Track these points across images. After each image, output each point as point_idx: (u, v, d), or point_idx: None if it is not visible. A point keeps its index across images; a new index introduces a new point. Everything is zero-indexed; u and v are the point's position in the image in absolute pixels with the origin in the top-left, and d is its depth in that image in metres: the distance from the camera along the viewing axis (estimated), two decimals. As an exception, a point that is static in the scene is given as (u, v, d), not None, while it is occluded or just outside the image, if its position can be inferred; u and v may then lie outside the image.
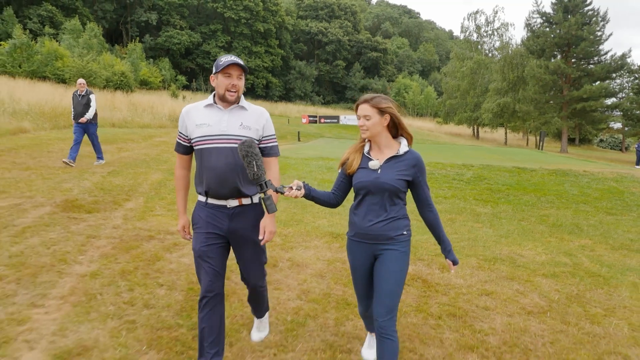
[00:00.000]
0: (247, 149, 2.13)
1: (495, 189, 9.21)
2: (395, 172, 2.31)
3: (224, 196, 2.40)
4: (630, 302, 4.08)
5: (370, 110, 2.30)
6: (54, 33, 52.40)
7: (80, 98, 9.22)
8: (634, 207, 8.50)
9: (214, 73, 2.39)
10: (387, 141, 2.39)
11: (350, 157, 2.43)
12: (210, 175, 2.38)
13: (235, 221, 2.43)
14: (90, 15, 62.33)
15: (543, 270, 4.79)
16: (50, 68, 38.47)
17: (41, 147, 10.81)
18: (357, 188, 2.38)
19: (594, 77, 32.95)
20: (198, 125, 2.40)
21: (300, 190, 2.27)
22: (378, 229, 2.33)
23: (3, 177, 7.31)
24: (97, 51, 48.34)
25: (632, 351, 3.19)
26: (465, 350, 3.05)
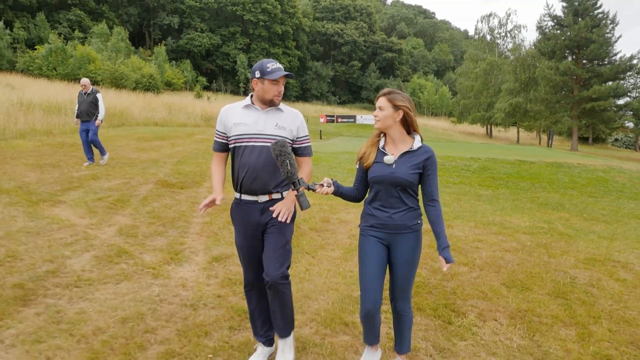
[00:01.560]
0: (280, 148, 2.24)
1: (497, 177, 10.89)
2: (409, 167, 2.42)
3: (255, 192, 2.54)
4: (582, 248, 5.75)
5: (385, 103, 2.43)
6: (82, 37, 54.95)
7: (86, 96, 9.17)
8: (614, 192, 10.10)
9: (258, 77, 2.51)
10: (401, 136, 2.49)
11: (367, 151, 2.54)
12: (244, 172, 2.52)
13: (266, 214, 2.58)
14: (116, 19, 64.89)
15: (524, 230, 6.48)
16: (83, 71, 40.83)
17: (110, 141, 12.74)
18: (373, 182, 2.49)
19: (603, 78, 34.17)
20: (236, 124, 2.53)
21: (330, 187, 2.40)
22: (398, 219, 2.45)
23: (80, 168, 9.19)
24: (124, 54, 50.87)
25: (572, 270, 4.87)
26: (458, 265, 4.78)
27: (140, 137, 14.51)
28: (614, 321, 3.67)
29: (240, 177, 2.54)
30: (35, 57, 42.87)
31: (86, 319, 3.16)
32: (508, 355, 3.10)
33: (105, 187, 7.16)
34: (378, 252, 2.51)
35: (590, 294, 4.22)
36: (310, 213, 6.49)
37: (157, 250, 4.60)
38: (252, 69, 2.55)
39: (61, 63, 41.42)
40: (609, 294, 4.24)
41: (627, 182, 11.13)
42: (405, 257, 2.49)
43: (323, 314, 3.48)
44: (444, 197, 8.57)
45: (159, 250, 4.60)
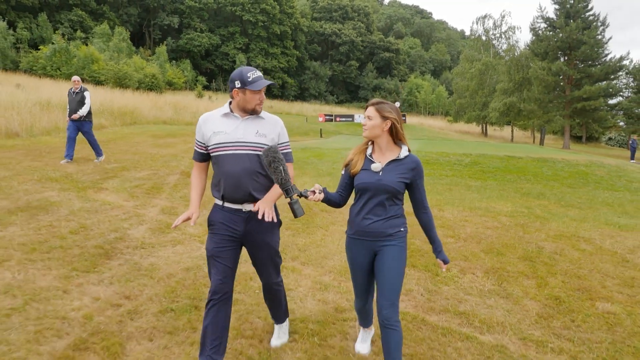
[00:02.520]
0: (273, 154, 2.22)
1: (486, 170, 11.89)
2: (395, 175, 2.45)
3: (239, 200, 2.50)
4: (554, 227, 6.73)
5: (373, 113, 2.46)
6: (84, 37, 55.72)
7: (75, 95, 9.08)
8: (592, 184, 11.11)
9: (239, 87, 2.45)
10: (389, 145, 2.53)
11: (355, 158, 2.57)
12: (226, 180, 2.48)
13: (250, 224, 2.54)
14: (116, 20, 65.63)
15: (505, 213, 7.46)
16: (87, 71, 41.66)
17: (128, 138, 13.68)
18: (359, 188, 2.52)
19: (594, 78, 35.28)
20: (215, 133, 2.49)
21: (321, 194, 2.42)
22: (378, 227, 2.48)
23: (125, 158, 10.13)
24: (126, 54, 51.73)
25: (542, 242, 5.85)
26: (446, 237, 5.76)
27: (153, 135, 15.44)
28: (568, 276, 4.65)
29: (221, 187, 2.51)
30: (39, 57, 43.69)
31: (158, 268, 4.13)
32: (480, 294, 4.08)
33: (137, 177, 8.10)
34: (363, 259, 2.58)
35: (553, 258, 5.20)
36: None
37: (197, 225, 5.55)
38: (231, 79, 2.48)
39: (65, 63, 42.22)
40: (568, 259, 5.22)
41: (605, 175, 12.15)
42: (389, 264, 2.49)
43: (338, 267, 4.47)
44: (437, 187, 9.55)
45: (198, 224, 5.55)
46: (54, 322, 3.07)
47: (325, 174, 10.14)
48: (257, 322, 3.32)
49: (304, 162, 11.86)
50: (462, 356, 3.04)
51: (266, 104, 49.70)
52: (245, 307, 3.55)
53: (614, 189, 10.83)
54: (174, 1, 72.35)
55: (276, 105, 53.24)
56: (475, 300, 3.96)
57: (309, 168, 10.94)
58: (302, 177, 9.57)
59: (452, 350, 3.10)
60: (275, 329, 3.05)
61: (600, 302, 4.03)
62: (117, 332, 3.01)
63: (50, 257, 4.15)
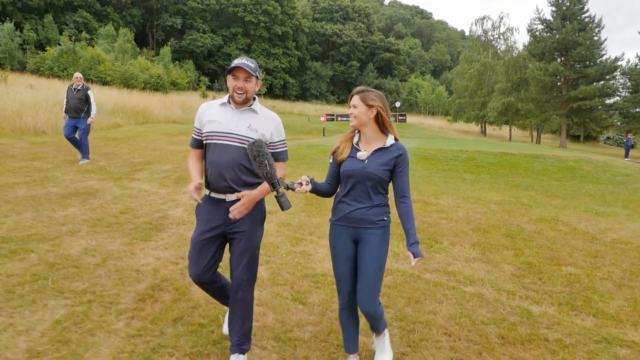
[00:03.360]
0: (257, 149, 2.20)
1: (480, 165, 12.76)
2: (380, 163, 2.47)
3: (222, 190, 2.53)
4: (537, 212, 7.59)
5: (358, 101, 2.48)
6: (89, 38, 56.60)
7: (76, 92, 8.94)
8: (578, 177, 11.98)
9: (227, 75, 2.53)
10: (375, 134, 2.54)
11: (341, 146, 2.59)
12: (211, 169, 2.52)
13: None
14: (120, 21, 66.53)
15: (495, 202, 8.33)
16: (93, 71, 42.53)
17: (144, 136, 14.55)
18: (345, 176, 2.52)
19: (589, 79, 36.17)
20: (209, 121, 2.54)
21: (308, 185, 2.40)
22: (362, 213, 2.49)
23: (147, 153, 11.00)
24: (131, 55, 52.63)
25: (524, 224, 6.71)
26: (440, 219, 6.62)
27: (166, 133, 16.32)
28: (542, 249, 5.52)
29: (207, 175, 2.57)
30: (46, 58, 44.56)
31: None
32: (466, 260, 4.95)
33: (163, 170, 8.97)
34: (345, 246, 2.57)
35: (531, 236, 6.07)
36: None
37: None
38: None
39: (72, 64, 43.07)
40: (544, 237, 6.08)
41: (592, 170, 13.02)
42: (371, 253, 2.49)
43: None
44: (433, 179, 10.42)
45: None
46: (131, 272, 3.95)
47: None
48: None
49: (312, 157, 12.72)
50: (448, 299, 3.91)
51: (268, 103, 50.52)
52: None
53: (598, 182, 11.70)
54: (177, 2, 73.23)
55: (278, 105, 54.07)
56: (461, 264, 4.83)
57: (316, 163, 11.80)
58: (311, 170, 10.42)
59: (440, 296, 3.97)
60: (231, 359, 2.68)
61: (566, 267, 4.90)
62: (181, 280, 3.88)
63: (110, 230, 5.02)
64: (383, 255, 2.54)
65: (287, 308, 3.57)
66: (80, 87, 9.03)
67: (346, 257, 2.58)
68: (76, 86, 9.03)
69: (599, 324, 3.59)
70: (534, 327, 3.48)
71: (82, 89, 9.02)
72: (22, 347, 2.74)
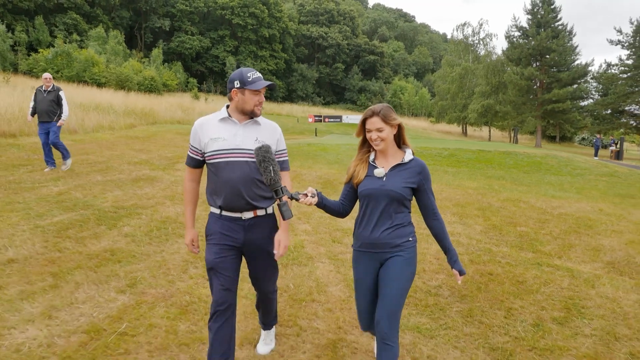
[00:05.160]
0: (264, 154, 2.16)
1: (460, 161, 14.69)
2: (400, 180, 2.32)
3: (239, 209, 2.44)
4: (505, 195, 9.49)
5: (381, 123, 2.32)
6: (79, 40, 57.36)
7: (46, 94, 8.27)
8: (543, 170, 14.00)
9: (238, 87, 2.40)
10: (393, 150, 2.41)
11: (357, 169, 2.45)
12: (225, 189, 2.40)
13: (250, 232, 2.47)
14: (109, 22, 67.27)
15: (471, 188, 10.21)
16: (88, 73, 43.57)
17: (160, 135, 16.14)
18: (363, 195, 2.38)
19: (562, 83, 38.73)
20: (213, 140, 2.41)
21: (314, 197, 2.26)
22: (384, 237, 2.33)
23: (172, 150, 12.62)
24: (122, 57, 53.70)
25: (493, 202, 8.58)
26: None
27: (177, 133, 17.91)
28: (504, 217, 7.39)
29: (220, 195, 2.44)
30: (39, 60, 45.43)
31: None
32: (449, 223, 6.77)
33: (195, 162, 10.65)
34: (369, 273, 2.43)
35: (498, 210, 7.94)
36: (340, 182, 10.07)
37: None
38: (230, 79, 2.44)
39: (67, 66, 44.03)
40: (508, 210, 7.96)
41: (555, 164, 15.07)
42: (394, 275, 2.33)
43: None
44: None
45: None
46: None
47: (333, 162, 12.81)
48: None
49: (313, 154, 14.48)
50: (431, 245, 5.72)
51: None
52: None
53: (559, 174, 13.72)
54: (166, 4, 74.17)
55: (266, 106, 55.64)
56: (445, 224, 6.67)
57: (318, 158, 13.56)
58: (316, 165, 12.17)
59: (430, 241, 5.77)
60: (262, 334, 3.02)
61: (520, 227, 6.78)
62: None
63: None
64: (408, 277, 2.36)
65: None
66: (50, 89, 8.32)
67: (367, 289, 2.46)
68: (46, 88, 8.32)
69: (536, 256, 5.45)
70: (492, 256, 5.33)
71: (53, 91, 8.33)
72: (179, 260, 4.47)
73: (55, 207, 5.89)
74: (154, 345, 2.97)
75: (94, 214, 5.72)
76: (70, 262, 4.19)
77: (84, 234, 5.00)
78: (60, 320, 3.18)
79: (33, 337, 2.94)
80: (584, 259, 5.46)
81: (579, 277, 4.76)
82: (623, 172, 14.70)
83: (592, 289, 4.46)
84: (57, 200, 6.22)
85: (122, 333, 3.08)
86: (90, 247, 4.62)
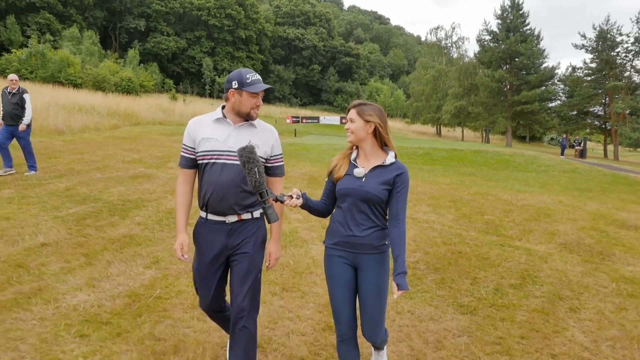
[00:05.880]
0: (248, 154, 2.09)
1: (435, 159, 15.60)
2: (379, 182, 2.29)
3: (223, 212, 2.35)
4: (475, 189, 10.36)
5: (355, 115, 2.33)
6: (52, 40, 56.55)
7: (11, 96, 7.96)
8: (511, 167, 15.02)
9: (236, 88, 2.33)
10: (374, 150, 2.38)
11: (338, 163, 2.42)
12: (210, 190, 2.33)
13: (233, 237, 2.39)
14: (83, 22, 66.42)
15: (445, 183, 11.05)
16: (63, 74, 43.09)
17: (144, 136, 16.55)
18: (340, 194, 2.36)
19: (530, 85, 40.43)
20: (205, 139, 2.36)
21: (299, 199, 2.23)
22: (362, 238, 2.30)
23: (160, 150, 13.09)
24: (98, 57, 53.23)
25: (464, 196, 9.41)
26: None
27: (162, 133, 18.33)
28: (473, 207, 8.21)
29: (206, 196, 2.35)
30: (12, 60, 44.72)
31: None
32: (424, 213, 7.55)
33: (185, 161, 11.20)
34: (345, 274, 2.36)
35: (468, 202, 8.78)
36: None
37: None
38: (228, 79, 2.37)
39: (41, 66, 43.47)
40: (477, 202, 8.81)
41: (522, 162, 16.14)
42: (371, 280, 2.32)
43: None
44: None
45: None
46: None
47: (316, 160, 13.52)
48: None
49: (296, 153, 15.15)
50: (413, 227, 6.48)
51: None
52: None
53: (526, 171, 14.76)
54: (141, 5, 73.60)
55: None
56: (421, 214, 7.45)
57: (301, 157, 14.24)
58: (300, 163, 12.85)
59: (408, 227, 6.53)
60: None
61: (486, 216, 7.61)
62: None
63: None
64: (386, 281, 2.36)
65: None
66: (16, 91, 8.01)
67: (343, 282, 2.36)
68: (11, 89, 8.00)
69: (499, 239, 6.26)
70: (461, 239, 6.12)
71: (18, 93, 8.02)
72: (191, 244, 5.09)
73: (67, 201, 6.41)
74: (186, 305, 3.61)
75: (105, 206, 6.27)
76: (97, 245, 4.77)
77: (100, 222, 5.57)
78: (102, 289, 3.78)
79: (84, 300, 3.54)
80: (540, 240, 6.30)
81: (535, 255, 5.58)
82: (584, 169, 15.86)
83: (544, 264, 5.27)
84: (67, 195, 6.74)
85: (157, 297, 3.71)
86: (109, 234, 5.20)
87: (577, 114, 40.41)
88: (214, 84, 72.42)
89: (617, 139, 36.43)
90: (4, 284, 3.68)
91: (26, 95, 8.09)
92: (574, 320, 3.82)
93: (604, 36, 36.49)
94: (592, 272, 5.08)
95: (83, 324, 3.18)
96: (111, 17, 72.97)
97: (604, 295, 4.41)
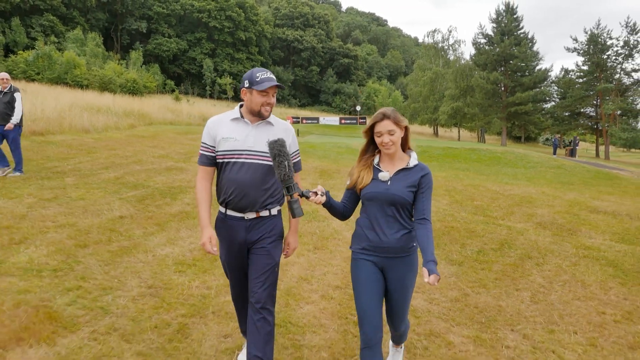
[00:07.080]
0: (279, 148, 2.12)
1: (431, 156, 16.84)
2: (405, 185, 2.29)
3: (242, 209, 2.43)
4: (468, 181, 11.59)
5: (392, 126, 2.28)
6: (56, 42, 57.58)
7: (2, 95, 7.78)
8: (502, 163, 16.28)
9: (247, 87, 2.39)
10: (399, 154, 2.37)
11: (361, 174, 2.40)
12: (231, 188, 2.40)
13: (252, 232, 2.47)
14: (85, 24, 67.43)
15: (441, 177, 12.28)
16: (70, 75, 44.15)
17: (162, 134, 17.73)
18: (366, 198, 2.36)
19: (524, 87, 41.82)
20: (225, 139, 2.41)
21: (323, 196, 2.25)
22: (393, 241, 2.29)
23: (180, 147, 14.29)
24: (101, 59, 54.32)
25: (458, 187, 10.65)
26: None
27: (177, 132, 19.51)
28: (465, 196, 9.44)
29: (227, 194, 2.43)
30: (19, 62, 45.74)
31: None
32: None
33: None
34: (373, 278, 2.34)
35: (461, 192, 10.01)
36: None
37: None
38: (243, 78, 2.43)
39: (48, 68, 44.51)
40: (469, 192, 10.03)
41: (513, 159, 17.41)
42: (399, 282, 2.36)
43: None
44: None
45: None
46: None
47: (323, 156, 14.75)
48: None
49: (304, 150, 16.36)
50: (414, 210, 7.71)
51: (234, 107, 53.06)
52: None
53: (515, 167, 16.02)
54: (142, 7, 74.66)
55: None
56: (420, 200, 8.66)
57: (309, 154, 15.45)
58: (309, 159, 14.06)
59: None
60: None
61: (476, 202, 8.84)
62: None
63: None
64: (411, 283, 2.41)
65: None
66: (7, 90, 7.82)
67: (371, 284, 2.34)
68: (3, 88, 7.80)
69: (485, 219, 7.49)
70: (454, 218, 7.35)
71: (10, 92, 7.83)
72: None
73: (122, 187, 7.61)
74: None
75: (155, 191, 7.48)
76: (162, 218, 5.98)
77: (157, 202, 6.77)
78: (180, 245, 4.99)
79: (171, 251, 4.75)
80: (520, 220, 7.54)
81: (514, 230, 6.82)
82: (569, 165, 17.15)
83: (521, 236, 6.51)
84: (119, 183, 7.94)
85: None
86: (167, 210, 6.40)
87: (570, 115, 41.83)
88: (214, 85, 73.60)
89: (607, 139, 37.81)
90: (108, 241, 4.88)
91: (17, 95, 7.90)
92: (537, 270, 5.05)
93: (595, 40, 37.85)
94: (559, 242, 6.31)
95: (177, 265, 4.39)
96: (113, 19, 73.97)
97: (564, 256, 5.64)
